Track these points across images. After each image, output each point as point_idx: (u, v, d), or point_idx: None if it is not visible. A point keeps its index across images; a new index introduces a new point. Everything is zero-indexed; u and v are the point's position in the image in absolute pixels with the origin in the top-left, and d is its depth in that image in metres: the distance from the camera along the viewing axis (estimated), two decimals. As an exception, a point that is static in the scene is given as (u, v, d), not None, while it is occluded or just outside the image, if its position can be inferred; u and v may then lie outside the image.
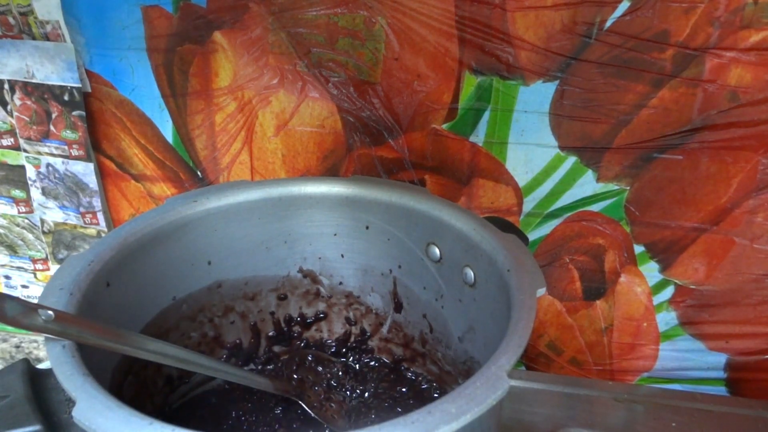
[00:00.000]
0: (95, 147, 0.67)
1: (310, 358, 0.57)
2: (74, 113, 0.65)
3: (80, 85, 0.64)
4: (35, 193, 0.70)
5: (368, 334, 0.58)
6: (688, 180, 0.54)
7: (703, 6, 0.48)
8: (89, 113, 0.65)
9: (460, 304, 0.49)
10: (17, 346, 0.76)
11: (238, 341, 0.56)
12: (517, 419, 0.57)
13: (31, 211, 0.71)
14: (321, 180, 0.54)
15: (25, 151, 0.68)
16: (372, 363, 0.58)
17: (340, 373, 0.56)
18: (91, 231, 0.71)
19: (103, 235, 0.71)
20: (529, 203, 0.59)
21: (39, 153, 0.68)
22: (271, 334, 0.57)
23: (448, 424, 0.29)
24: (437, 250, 0.50)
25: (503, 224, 0.47)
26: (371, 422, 0.32)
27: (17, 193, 0.70)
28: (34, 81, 0.64)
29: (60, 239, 0.72)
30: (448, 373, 0.53)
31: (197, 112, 0.64)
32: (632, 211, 0.57)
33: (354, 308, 0.58)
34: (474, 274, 0.47)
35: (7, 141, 0.68)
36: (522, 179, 0.58)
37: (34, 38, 0.63)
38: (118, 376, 0.43)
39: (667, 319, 0.60)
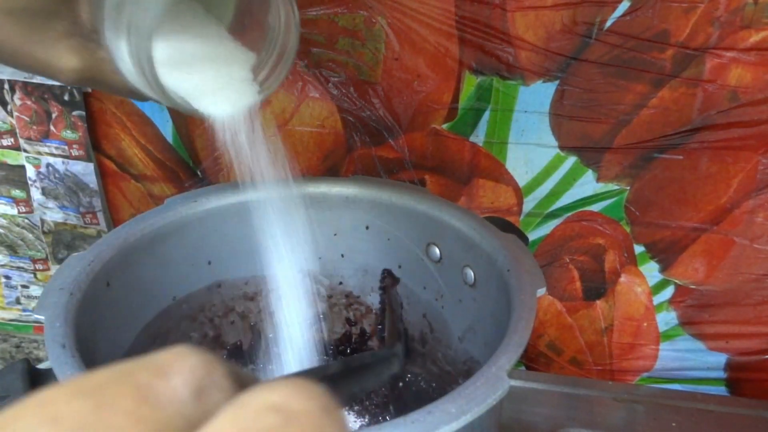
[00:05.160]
0: (95, 147, 0.67)
1: (310, 358, 0.57)
2: (74, 113, 0.65)
3: (80, 85, 0.64)
4: (35, 193, 0.70)
5: (368, 334, 0.58)
6: (688, 180, 0.54)
7: (703, 6, 0.48)
8: (89, 113, 0.65)
9: (460, 304, 0.49)
10: (17, 346, 0.75)
11: (238, 342, 0.56)
12: (517, 419, 0.57)
13: (31, 211, 0.71)
14: (321, 180, 0.54)
15: (25, 151, 0.68)
16: (372, 363, 0.58)
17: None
18: (91, 231, 0.71)
19: (103, 235, 0.71)
20: (529, 203, 0.59)
21: (39, 153, 0.68)
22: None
23: (448, 424, 0.29)
24: (437, 250, 0.50)
25: (503, 224, 0.47)
26: (371, 422, 0.32)
27: (17, 193, 0.70)
28: (34, 81, 0.64)
29: (60, 239, 0.72)
30: (448, 373, 0.53)
31: (197, 112, 0.63)
32: (632, 211, 0.57)
33: (354, 308, 0.58)
34: (474, 274, 0.47)
35: (7, 141, 0.68)
36: (522, 179, 0.58)
37: (34, 38, 0.62)
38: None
39: (667, 319, 0.60)
